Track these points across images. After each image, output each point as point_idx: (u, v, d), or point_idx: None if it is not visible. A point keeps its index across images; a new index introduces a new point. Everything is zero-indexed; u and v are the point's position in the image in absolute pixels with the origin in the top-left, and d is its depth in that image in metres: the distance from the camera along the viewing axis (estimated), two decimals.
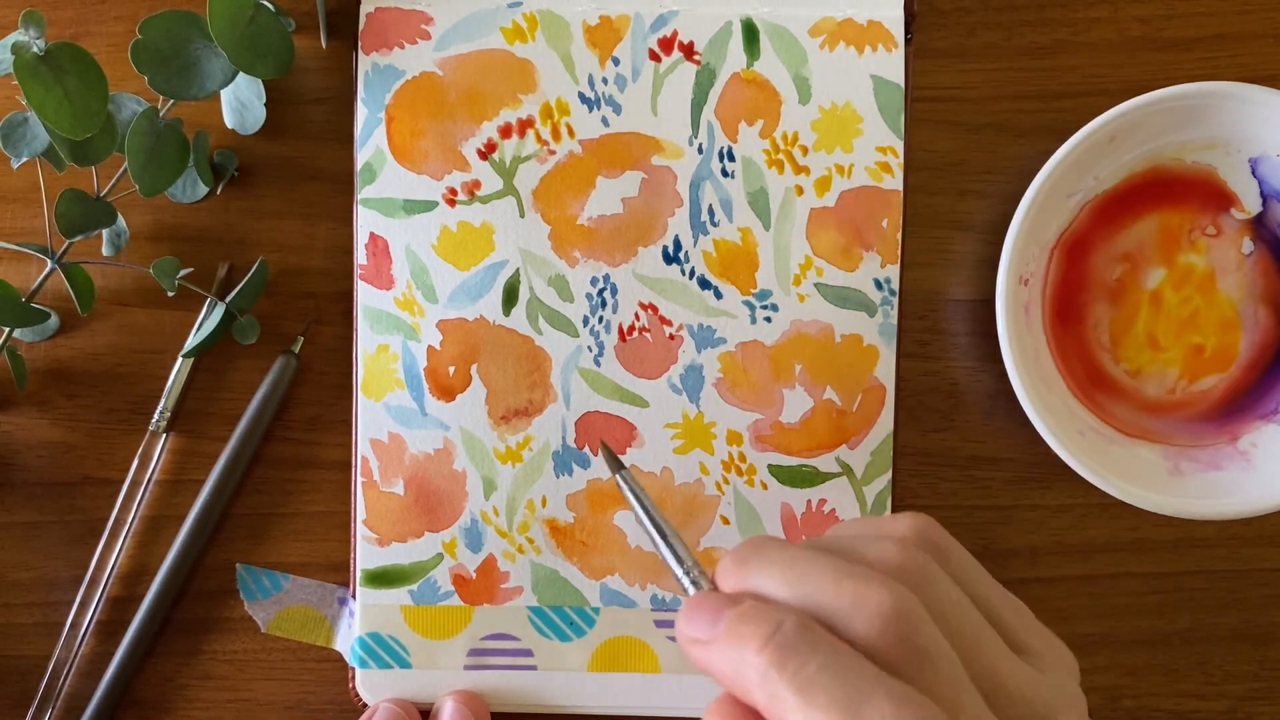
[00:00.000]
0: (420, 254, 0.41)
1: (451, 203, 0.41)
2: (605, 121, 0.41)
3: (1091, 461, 0.39)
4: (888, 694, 0.23)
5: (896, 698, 0.23)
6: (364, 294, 0.41)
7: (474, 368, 0.41)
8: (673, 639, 0.41)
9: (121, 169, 0.39)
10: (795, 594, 0.25)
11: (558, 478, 0.41)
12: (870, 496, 0.41)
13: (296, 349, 0.42)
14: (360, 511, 0.41)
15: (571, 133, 0.41)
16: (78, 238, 0.39)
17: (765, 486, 0.41)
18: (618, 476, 0.34)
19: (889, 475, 0.41)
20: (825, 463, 0.41)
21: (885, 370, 0.41)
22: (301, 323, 0.42)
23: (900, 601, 0.24)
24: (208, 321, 0.41)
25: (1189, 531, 0.42)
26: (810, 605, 0.25)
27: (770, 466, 0.41)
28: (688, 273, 0.41)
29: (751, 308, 0.41)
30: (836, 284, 0.41)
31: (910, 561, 0.26)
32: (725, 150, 0.41)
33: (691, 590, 0.30)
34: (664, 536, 0.32)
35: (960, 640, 0.25)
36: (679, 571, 0.30)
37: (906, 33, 0.41)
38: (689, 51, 0.41)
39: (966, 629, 0.26)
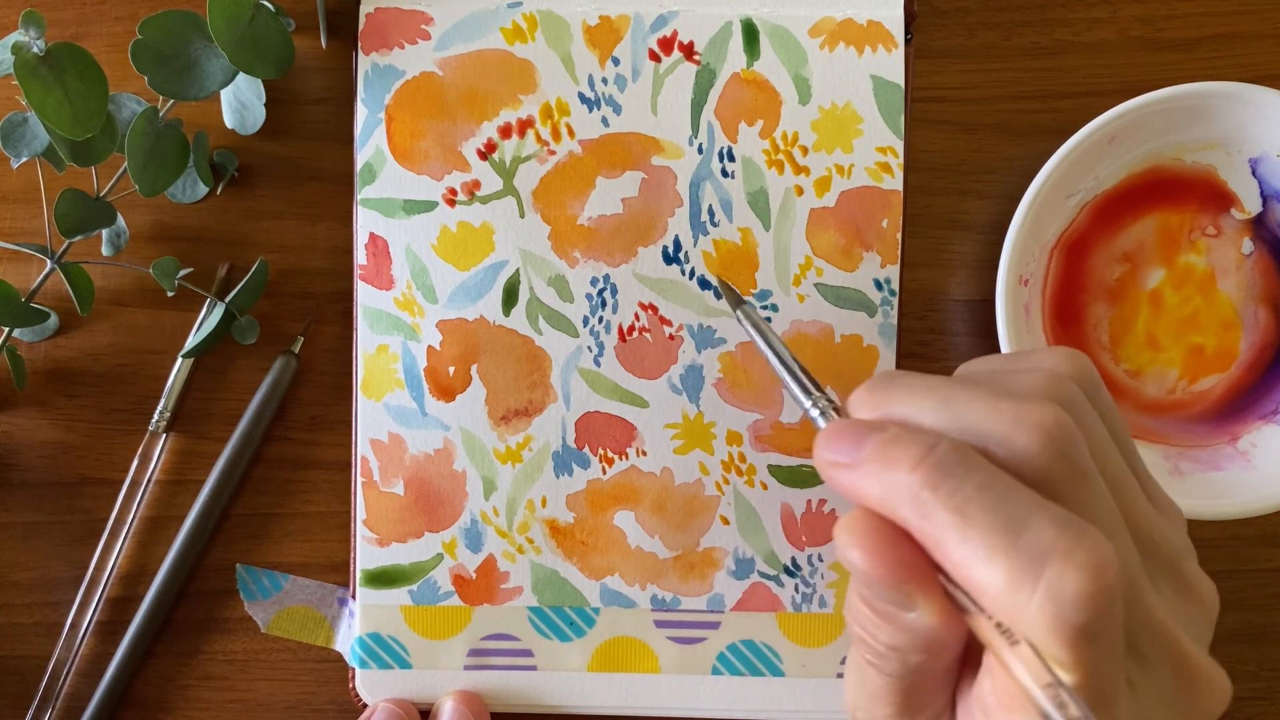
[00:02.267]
0: (420, 254, 0.41)
1: (451, 203, 0.41)
2: (605, 122, 0.41)
3: None
4: (1050, 518, 0.22)
5: (1059, 521, 0.22)
6: (364, 294, 0.41)
7: (474, 368, 0.41)
8: (673, 639, 0.41)
9: (121, 169, 0.39)
10: (944, 418, 0.24)
11: (558, 478, 0.41)
12: None
13: (296, 349, 0.42)
14: (360, 511, 0.41)
15: (571, 133, 0.41)
16: (78, 238, 0.39)
17: (765, 486, 0.41)
18: (738, 313, 0.33)
19: None
20: None
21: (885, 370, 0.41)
22: (301, 323, 0.42)
23: (1060, 419, 0.23)
24: (208, 321, 0.41)
25: (1189, 531, 0.42)
26: (961, 429, 0.24)
27: (770, 466, 0.41)
28: (688, 273, 0.41)
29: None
30: (836, 284, 0.41)
31: (1062, 391, 0.25)
32: (725, 150, 0.41)
33: (822, 423, 0.28)
34: (789, 368, 0.30)
35: (1108, 472, 0.25)
36: (807, 404, 0.29)
37: (906, 33, 0.41)
38: (689, 51, 0.41)
39: (1110, 466, 0.25)
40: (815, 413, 0.29)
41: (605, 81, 0.41)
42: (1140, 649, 0.24)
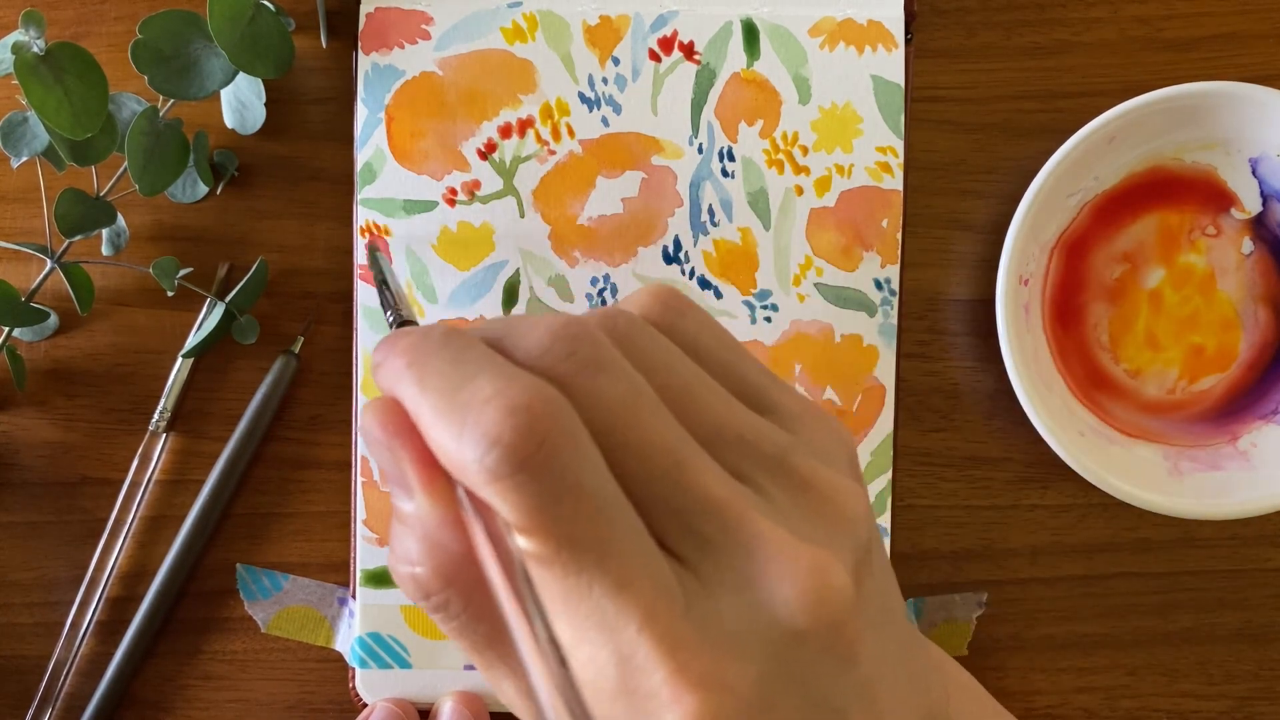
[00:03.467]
0: (420, 254, 0.41)
1: (451, 203, 0.41)
2: (605, 121, 0.41)
3: (1091, 461, 0.39)
4: (495, 371, 0.21)
5: (503, 374, 0.21)
6: (364, 294, 0.41)
7: None
8: None
9: (121, 169, 0.39)
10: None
11: None
12: (870, 496, 0.41)
13: (296, 349, 0.42)
14: (360, 511, 0.41)
15: (571, 133, 0.41)
16: (78, 237, 0.39)
17: None
18: (375, 258, 0.35)
19: (889, 475, 0.41)
20: None
21: (885, 370, 0.41)
22: (301, 323, 0.42)
23: (569, 325, 0.22)
24: (208, 321, 0.41)
25: (1189, 531, 0.42)
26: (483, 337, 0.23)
27: None
28: (688, 273, 0.41)
29: (751, 308, 0.41)
30: (836, 284, 0.41)
31: (608, 319, 0.23)
32: (725, 150, 0.41)
33: (394, 326, 0.29)
34: (383, 284, 0.32)
35: (662, 385, 0.22)
36: (387, 314, 0.31)
37: (906, 33, 0.41)
38: (689, 51, 0.41)
39: (669, 375, 0.22)
40: (390, 318, 0.31)
41: (605, 81, 0.41)
42: (698, 530, 0.21)
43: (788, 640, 0.21)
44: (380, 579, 0.41)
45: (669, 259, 0.41)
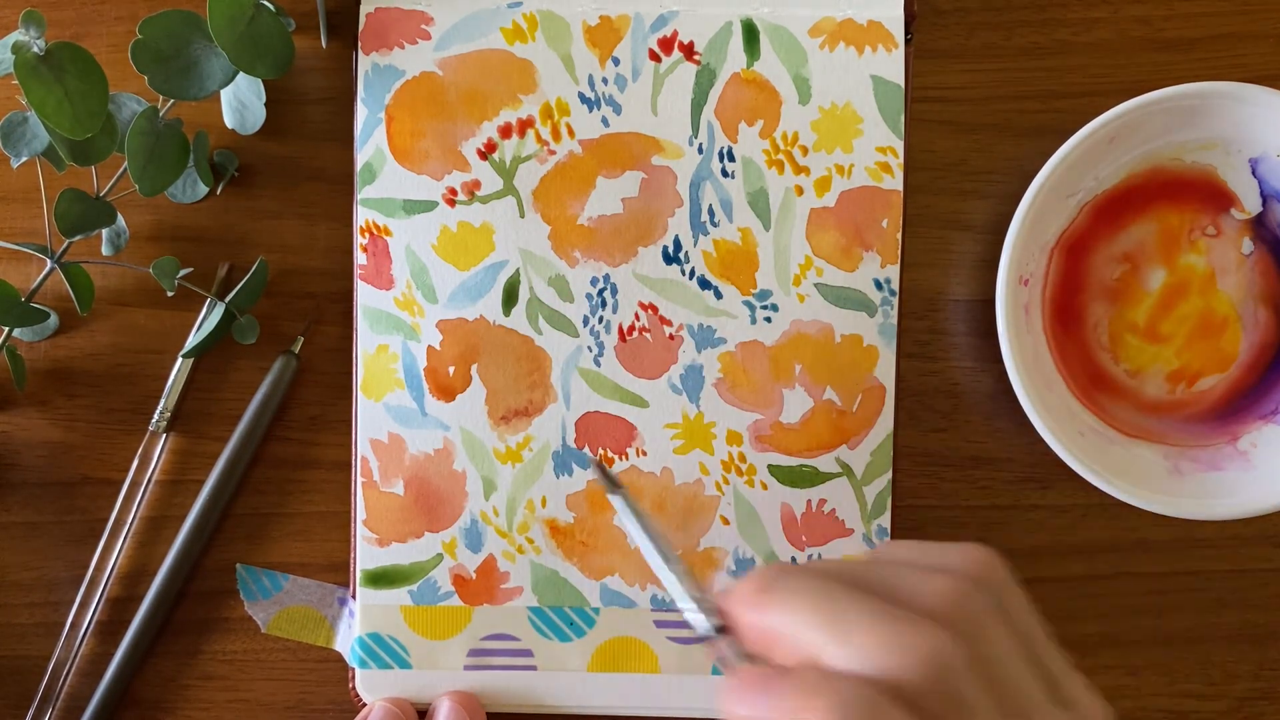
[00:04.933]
0: (420, 254, 0.41)
1: (451, 203, 0.41)
2: (605, 121, 0.41)
3: (1091, 461, 0.39)
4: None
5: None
6: (364, 294, 0.41)
7: (474, 368, 0.41)
8: (673, 640, 0.41)
9: (121, 169, 0.39)
10: (829, 635, 0.24)
11: (558, 478, 0.41)
12: (870, 496, 0.41)
13: (296, 349, 0.42)
14: (360, 511, 0.41)
15: (571, 133, 0.41)
16: (78, 237, 0.39)
17: (765, 486, 0.41)
18: (613, 496, 0.32)
19: (889, 475, 0.41)
20: (825, 463, 0.41)
21: (885, 370, 0.41)
22: (301, 323, 0.42)
23: (941, 649, 0.23)
24: (208, 321, 0.41)
25: (1189, 531, 0.42)
26: (846, 650, 0.24)
27: (770, 466, 0.41)
28: (688, 273, 0.41)
29: (751, 308, 0.41)
30: (836, 284, 0.41)
31: (967, 604, 0.25)
32: (725, 150, 0.41)
33: (702, 626, 0.28)
34: (669, 563, 0.29)
35: (1005, 694, 0.24)
36: (685, 606, 0.28)
37: (906, 33, 0.41)
38: (689, 51, 0.41)
39: (1013, 681, 0.25)
40: (700, 617, 0.28)
41: (605, 81, 0.41)
42: None
43: None
44: (380, 579, 0.41)
45: (669, 259, 0.41)
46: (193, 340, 0.42)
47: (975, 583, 0.25)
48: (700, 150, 0.41)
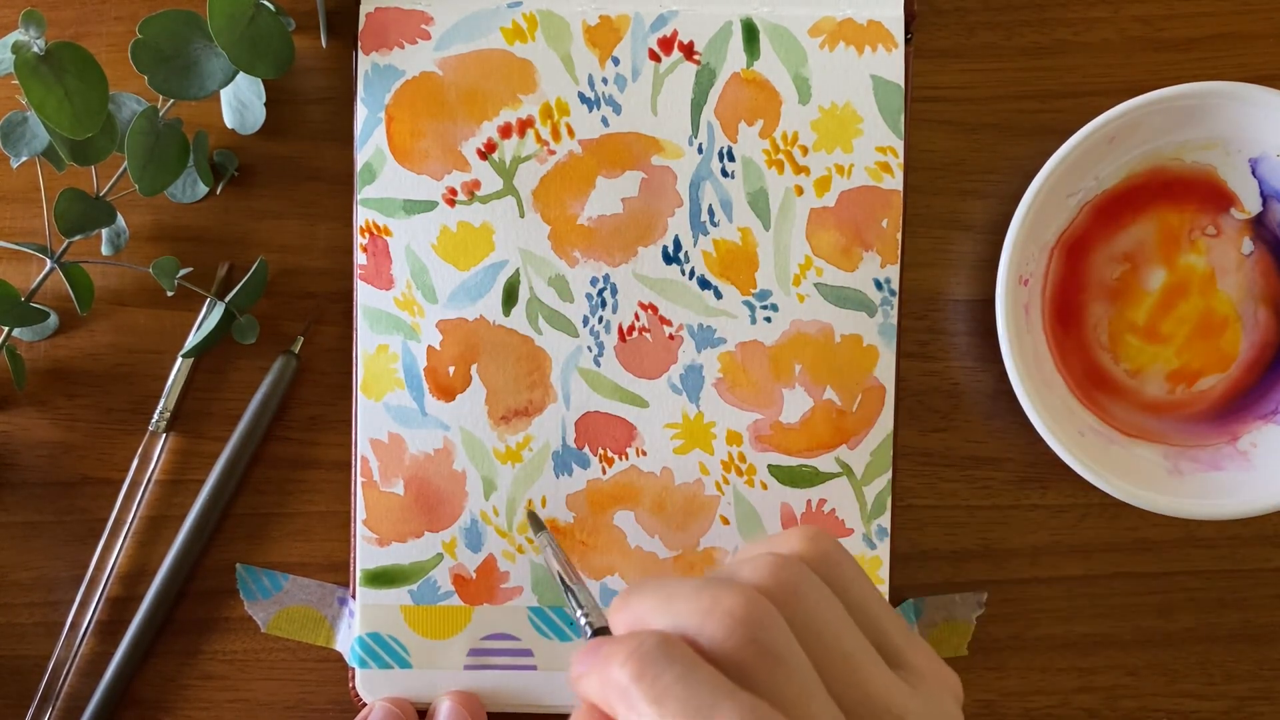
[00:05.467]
0: (420, 254, 0.41)
1: (451, 203, 0.41)
2: (605, 121, 0.41)
3: (1091, 461, 0.39)
4: (735, 704, 0.24)
5: (744, 707, 0.24)
6: (364, 294, 0.41)
7: (474, 368, 0.41)
8: None
9: (121, 169, 0.39)
10: (663, 616, 0.26)
11: (558, 478, 0.41)
12: (870, 496, 0.41)
13: (296, 349, 0.42)
14: (360, 511, 0.41)
15: (571, 133, 0.41)
16: (77, 237, 0.39)
17: (765, 486, 0.41)
18: (538, 538, 0.37)
19: (889, 475, 0.41)
20: (825, 463, 0.41)
21: (885, 370, 0.41)
22: (301, 323, 0.42)
23: (751, 605, 0.25)
24: (208, 321, 0.41)
25: (1189, 531, 0.42)
26: (674, 624, 0.26)
27: (770, 466, 0.41)
28: (688, 273, 0.41)
29: (751, 308, 0.41)
30: (836, 284, 0.41)
31: (781, 573, 0.27)
32: (725, 150, 0.41)
33: (588, 632, 0.32)
34: (567, 586, 0.34)
35: (827, 652, 0.26)
36: (579, 615, 0.32)
37: (906, 33, 0.41)
38: (689, 51, 0.41)
39: (836, 641, 0.26)
40: (584, 622, 0.32)
41: (605, 81, 0.41)
42: None
43: None
44: (380, 579, 0.41)
45: (669, 259, 0.41)
46: (193, 340, 0.42)
47: (795, 557, 0.27)
48: (700, 150, 0.41)
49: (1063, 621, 0.43)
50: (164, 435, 0.42)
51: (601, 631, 0.33)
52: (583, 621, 0.32)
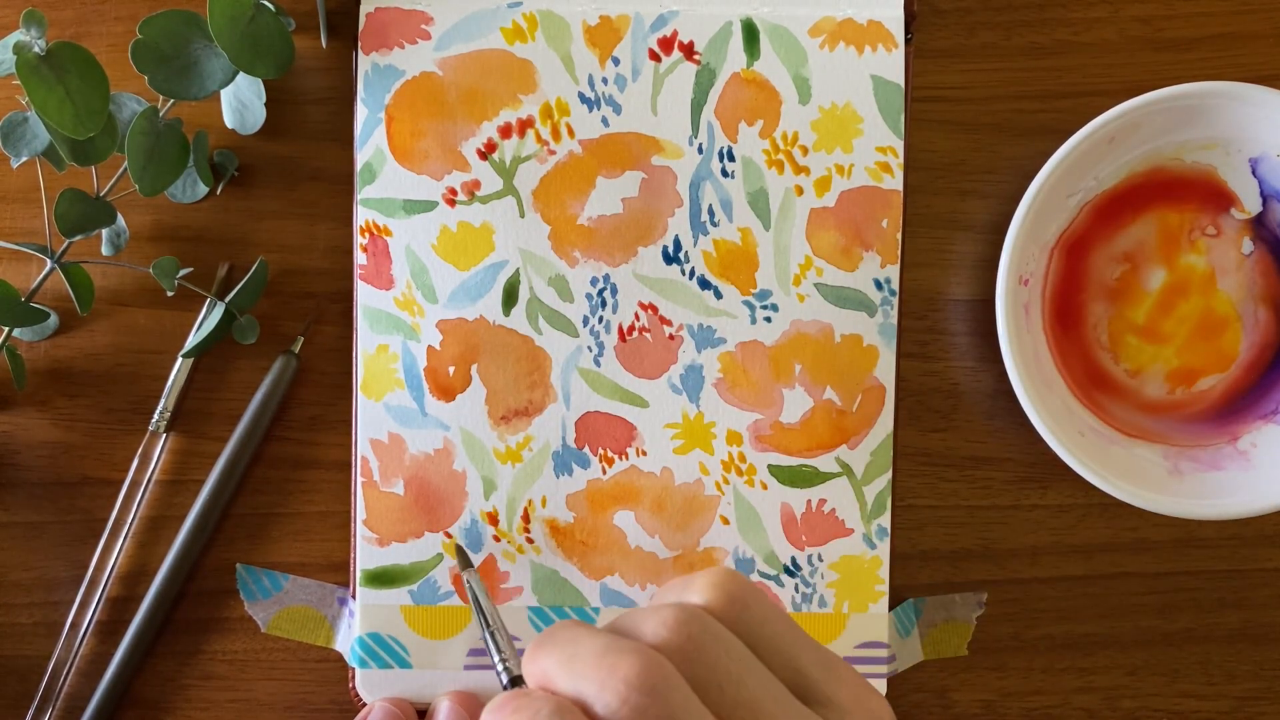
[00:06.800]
0: (420, 254, 0.41)
1: (451, 203, 0.41)
2: (605, 121, 0.41)
3: (1091, 461, 0.39)
4: None
5: None
6: (364, 294, 0.41)
7: (474, 368, 0.41)
8: None
9: (121, 169, 0.39)
10: (566, 678, 0.26)
11: (558, 478, 0.41)
12: (870, 496, 0.41)
13: (296, 349, 0.42)
14: (360, 511, 0.41)
15: (571, 133, 0.41)
16: (77, 237, 0.39)
17: (765, 486, 0.41)
18: (464, 574, 0.38)
19: (889, 475, 0.41)
20: (825, 463, 0.41)
21: (885, 370, 0.41)
22: (301, 323, 0.42)
23: (647, 671, 0.25)
24: (208, 321, 0.41)
25: (1189, 531, 0.42)
26: (574, 688, 0.26)
27: (770, 466, 0.41)
28: (688, 273, 0.41)
29: (751, 308, 0.41)
30: (836, 284, 0.41)
31: (682, 628, 0.26)
32: (725, 150, 0.41)
33: (503, 678, 0.32)
34: (490, 632, 0.35)
35: (732, 704, 0.26)
36: (495, 659, 0.33)
37: (906, 33, 0.41)
38: (689, 51, 0.41)
39: (739, 690, 0.26)
40: (500, 668, 0.33)
41: (605, 81, 0.41)
42: None
43: None
44: (380, 579, 0.41)
45: (669, 259, 0.41)
46: (193, 340, 0.42)
47: (698, 608, 0.27)
48: (700, 150, 0.41)
49: (1063, 621, 0.43)
50: (164, 435, 0.42)
51: (518, 681, 0.35)
52: (500, 668, 0.32)
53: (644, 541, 0.41)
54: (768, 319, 0.41)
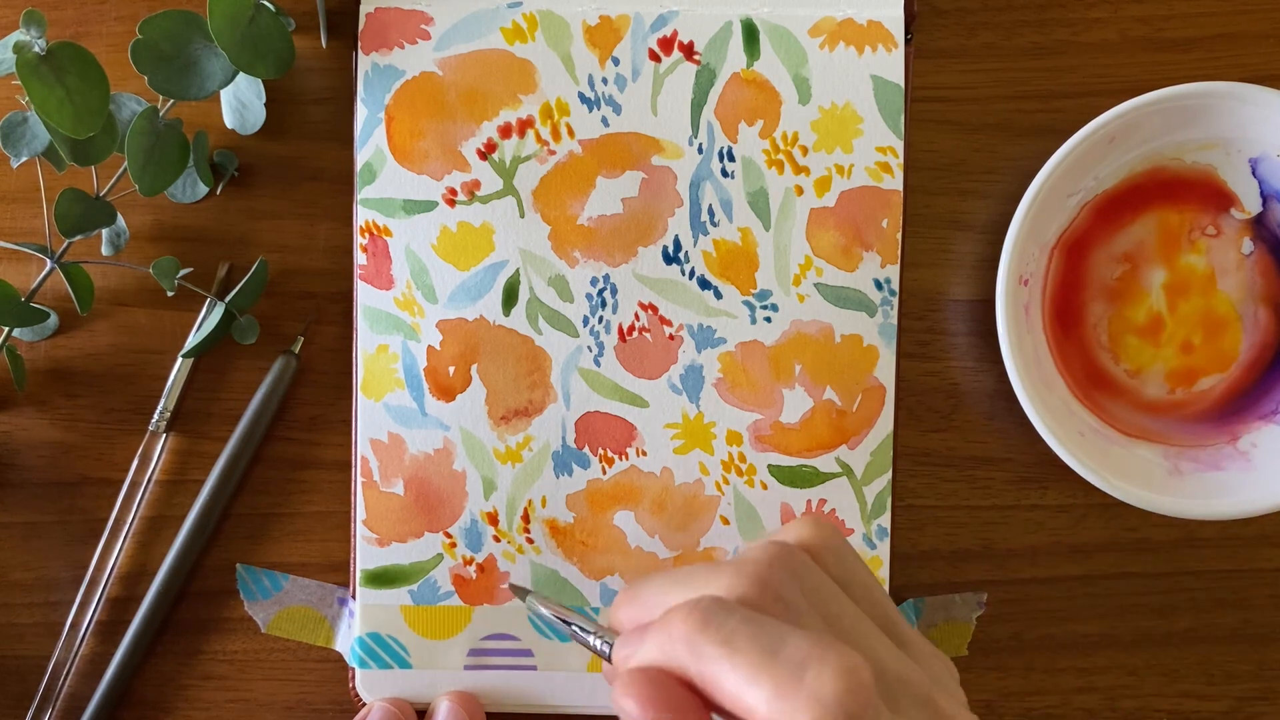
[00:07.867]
0: (420, 254, 0.41)
1: (451, 203, 0.41)
2: (605, 121, 0.41)
3: (1091, 461, 0.39)
4: (802, 635, 0.25)
5: (810, 637, 0.25)
6: (364, 294, 0.41)
7: (474, 368, 0.41)
8: None
9: (121, 169, 0.39)
10: (688, 592, 0.28)
11: (558, 478, 0.41)
12: (870, 496, 0.41)
13: (296, 349, 0.42)
14: (360, 511, 0.41)
15: (571, 133, 0.41)
16: (77, 237, 0.39)
17: (765, 486, 0.41)
18: (528, 601, 0.36)
19: (889, 475, 0.41)
20: (825, 463, 0.41)
21: (885, 370, 0.41)
22: (301, 323, 0.42)
23: (768, 565, 0.27)
24: (208, 321, 0.41)
25: (1189, 531, 0.42)
26: (685, 591, 0.28)
27: (770, 466, 0.41)
28: (688, 273, 0.41)
29: (751, 308, 0.41)
30: (836, 284, 0.41)
31: (778, 556, 0.28)
32: (725, 150, 0.41)
33: (606, 650, 0.32)
34: (569, 622, 0.34)
35: (829, 612, 0.28)
36: (592, 639, 0.33)
37: (906, 33, 0.41)
38: (689, 51, 0.41)
39: (834, 608, 0.28)
40: (599, 644, 0.33)
41: (605, 81, 0.41)
42: None
43: None
44: (380, 579, 0.41)
45: (669, 259, 0.41)
46: (193, 340, 0.42)
47: (802, 541, 0.29)
48: (700, 150, 0.41)
49: (1063, 621, 0.43)
50: (164, 435, 0.42)
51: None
52: (598, 645, 0.32)
53: (644, 542, 0.41)
54: (768, 319, 0.41)
